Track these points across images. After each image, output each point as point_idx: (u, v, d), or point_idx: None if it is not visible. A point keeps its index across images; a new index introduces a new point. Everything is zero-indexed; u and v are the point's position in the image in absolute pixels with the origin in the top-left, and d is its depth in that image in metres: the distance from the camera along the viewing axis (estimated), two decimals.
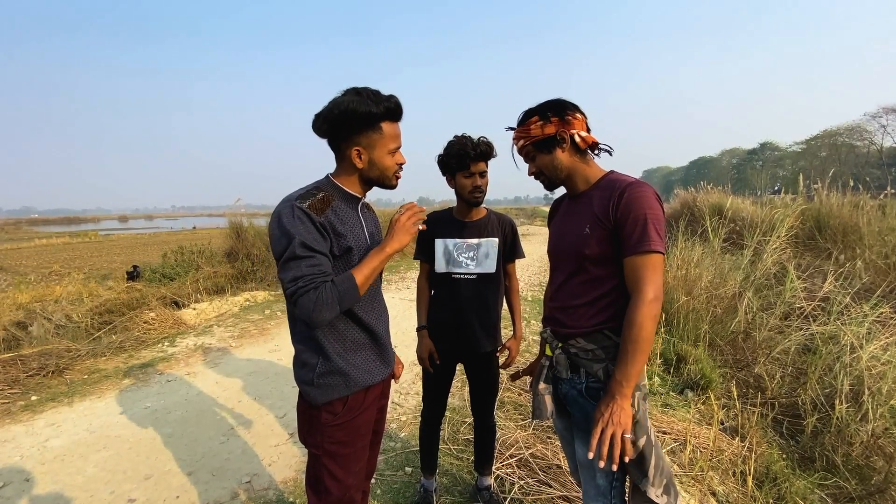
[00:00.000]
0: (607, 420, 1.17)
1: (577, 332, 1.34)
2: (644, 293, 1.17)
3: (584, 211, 1.34)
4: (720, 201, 8.74)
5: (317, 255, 1.19)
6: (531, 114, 1.37)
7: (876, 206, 6.80)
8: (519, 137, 1.40)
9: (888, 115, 45.79)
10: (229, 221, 8.80)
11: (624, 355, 1.18)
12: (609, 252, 1.27)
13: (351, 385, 1.32)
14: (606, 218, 1.26)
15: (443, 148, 1.90)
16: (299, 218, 1.19)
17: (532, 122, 1.35)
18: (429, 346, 2.00)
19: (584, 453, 1.32)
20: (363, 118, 1.23)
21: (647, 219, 1.20)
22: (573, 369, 1.37)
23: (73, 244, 24.64)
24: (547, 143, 1.35)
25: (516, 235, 2.06)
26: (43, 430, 3.03)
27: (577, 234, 1.33)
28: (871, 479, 2.44)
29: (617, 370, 1.19)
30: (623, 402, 1.17)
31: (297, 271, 1.16)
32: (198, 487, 2.40)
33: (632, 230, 1.21)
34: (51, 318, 5.05)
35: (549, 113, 1.34)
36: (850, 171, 25.50)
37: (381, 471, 2.49)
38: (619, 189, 1.26)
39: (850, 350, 3.04)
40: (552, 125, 1.33)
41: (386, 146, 1.30)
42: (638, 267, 1.20)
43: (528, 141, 1.37)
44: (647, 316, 1.16)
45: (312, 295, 1.14)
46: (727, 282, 4.66)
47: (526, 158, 1.43)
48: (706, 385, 3.43)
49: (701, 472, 2.38)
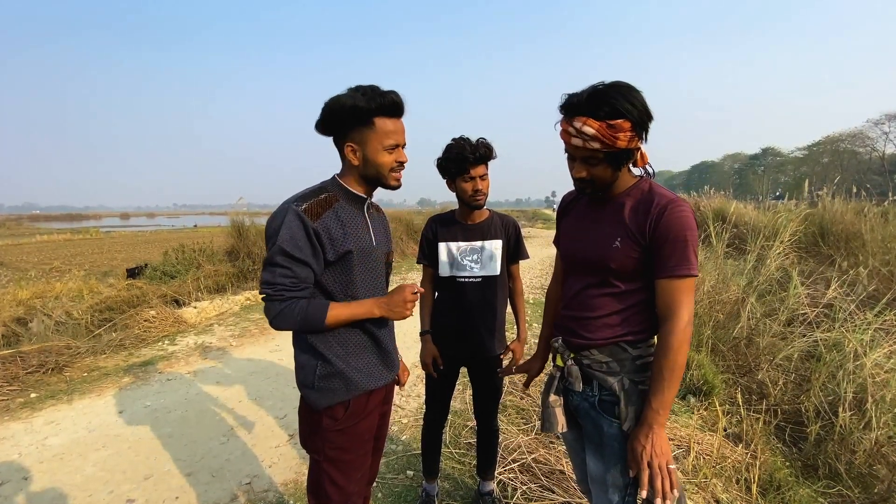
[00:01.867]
0: (650, 453, 1.11)
1: (591, 344, 1.28)
2: (680, 317, 1.12)
3: (612, 220, 1.24)
4: (723, 206, 8.72)
5: (295, 264, 1.19)
6: (622, 113, 1.08)
7: (879, 213, 6.78)
8: (597, 137, 1.10)
9: (891, 122, 45.79)
10: (231, 220, 8.79)
11: (660, 382, 1.13)
12: (638, 269, 1.20)
13: (352, 389, 1.30)
14: (642, 234, 1.17)
15: (441, 151, 1.87)
16: (290, 222, 1.18)
17: (624, 126, 1.09)
18: (433, 351, 1.97)
19: (596, 467, 1.28)
20: (351, 113, 1.21)
21: (688, 241, 1.13)
22: (585, 381, 1.30)
23: (75, 241, 24.67)
24: (623, 156, 1.16)
25: (520, 236, 2.05)
26: (42, 427, 3.01)
27: (603, 244, 1.23)
28: (875, 488, 2.42)
29: (653, 398, 1.13)
30: (661, 432, 1.13)
31: (271, 277, 1.19)
32: (197, 488, 2.38)
33: (671, 252, 1.14)
34: (51, 314, 5.04)
35: (644, 123, 1.13)
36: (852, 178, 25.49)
37: (382, 474, 2.47)
38: (658, 206, 1.16)
39: (853, 357, 3.02)
40: (638, 139, 1.14)
41: (380, 142, 1.26)
42: (675, 290, 1.14)
43: (605, 147, 1.11)
44: (684, 341, 1.12)
45: (278, 306, 1.19)
46: (730, 287, 4.64)
47: (580, 159, 1.19)
48: (709, 391, 3.41)
49: (705, 480, 2.37)
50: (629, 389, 1.23)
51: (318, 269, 1.24)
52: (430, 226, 2.01)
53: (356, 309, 1.26)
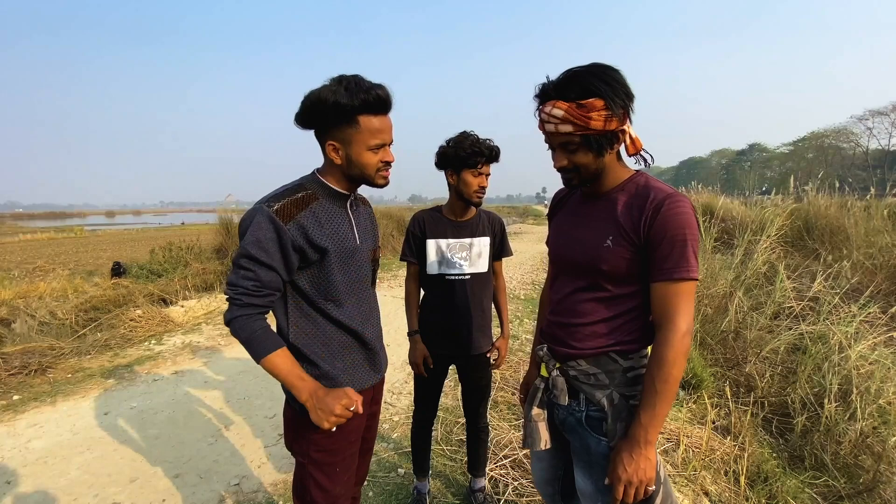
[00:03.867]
0: (631, 475, 1.02)
1: (578, 354, 1.17)
2: (677, 326, 1.02)
3: (604, 217, 1.14)
4: (711, 201, 8.80)
5: (260, 268, 1.13)
6: (593, 91, 1.01)
7: (862, 208, 6.89)
8: (567, 119, 1.03)
9: (874, 118, 46.65)
10: (219, 218, 8.70)
11: (652, 396, 1.02)
12: (632, 271, 1.10)
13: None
14: (636, 233, 1.07)
15: (449, 141, 1.81)
16: (258, 224, 1.12)
17: (596, 105, 1.01)
18: (423, 351, 1.95)
19: (585, 485, 1.21)
20: (333, 110, 1.12)
21: (687, 241, 1.03)
22: (572, 394, 1.20)
23: (59, 239, 24.21)
24: (603, 139, 1.07)
25: (504, 234, 2.05)
26: (25, 430, 2.95)
27: (594, 244, 1.13)
28: (860, 478, 2.46)
29: (643, 413, 1.03)
30: (648, 452, 1.03)
31: (235, 279, 1.14)
32: (185, 490, 2.35)
33: (668, 252, 1.03)
34: (34, 315, 4.94)
35: (618, 100, 1.02)
36: (836, 173, 25.90)
37: (373, 472, 2.46)
38: (654, 202, 1.05)
39: (838, 350, 3.06)
40: (616, 119, 1.03)
41: (364, 142, 1.17)
42: (672, 295, 1.03)
43: (579, 130, 1.04)
44: (681, 352, 1.01)
45: (236, 310, 1.14)
46: (718, 281, 4.69)
47: (559, 146, 1.11)
48: (698, 384, 3.44)
49: (694, 472, 2.39)
50: (619, 405, 1.14)
51: (285, 274, 1.17)
52: (418, 222, 1.97)
53: (293, 378, 1.14)
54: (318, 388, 1.16)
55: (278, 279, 1.16)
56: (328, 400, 1.14)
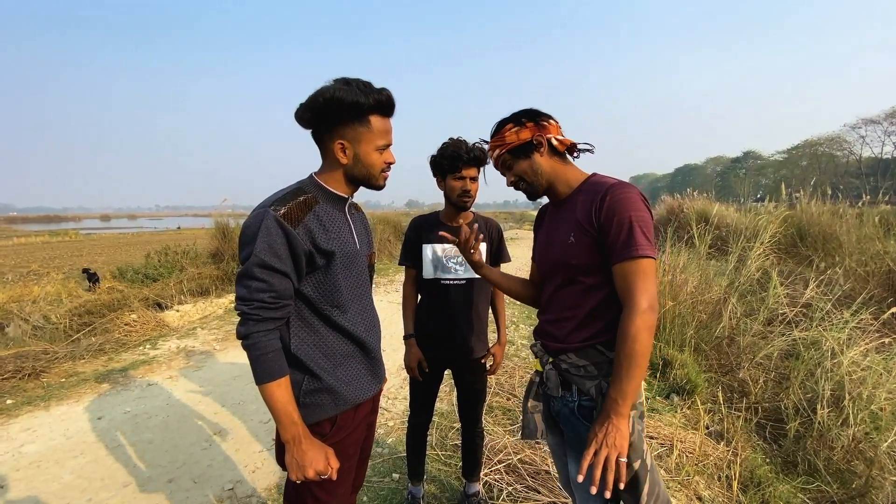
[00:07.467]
0: (601, 441, 1.07)
1: (567, 348, 1.26)
2: (637, 303, 1.09)
3: (568, 218, 1.27)
4: (705, 208, 8.87)
5: (275, 276, 1.09)
6: (505, 122, 1.33)
7: (854, 215, 6.96)
8: (494, 147, 1.35)
9: (867, 127, 47.17)
10: (215, 222, 8.66)
11: (619, 371, 1.09)
12: (597, 261, 1.20)
13: (340, 403, 1.23)
14: (590, 224, 1.18)
15: (437, 149, 1.88)
16: (268, 228, 1.08)
17: (507, 129, 1.31)
18: (417, 355, 1.96)
19: (574, 472, 1.25)
20: (349, 108, 1.13)
21: (633, 221, 1.12)
22: (564, 386, 1.28)
23: (53, 243, 24.07)
24: (524, 148, 1.30)
25: (502, 239, 2.07)
26: (18, 434, 2.93)
27: (562, 243, 1.26)
28: (853, 483, 2.48)
29: (612, 387, 1.10)
30: (619, 423, 1.08)
31: (248, 293, 1.08)
32: (178, 495, 2.34)
33: (617, 235, 1.13)
34: (28, 318, 4.92)
35: (523, 119, 1.30)
36: (829, 180, 26.10)
37: (368, 477, 2.45)
38: (601, 192, 1.18)
39: (831, 355, 3.08)
40: (527, 130, 1.29)
41: (373, 142, 1.19)
42: (628, 274, 1.12)
43: (503, 149, 1.32)
44: (642, 327, 1.07)
45: (252, 326, 1.08)
46: (712, 287, 4.72)
47: (503, 169, 1.38)
48: (692, 390, 3.46)
49: (687, 477, 2.40)
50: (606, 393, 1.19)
51: (296, 281, 1.15)
52: (414, 227, 2.00)
53: (286, 416, 1.10)
54: (302, 439, 1.12)
55: (291, 287, 1.14)
56: (307, 456, 1.11)
